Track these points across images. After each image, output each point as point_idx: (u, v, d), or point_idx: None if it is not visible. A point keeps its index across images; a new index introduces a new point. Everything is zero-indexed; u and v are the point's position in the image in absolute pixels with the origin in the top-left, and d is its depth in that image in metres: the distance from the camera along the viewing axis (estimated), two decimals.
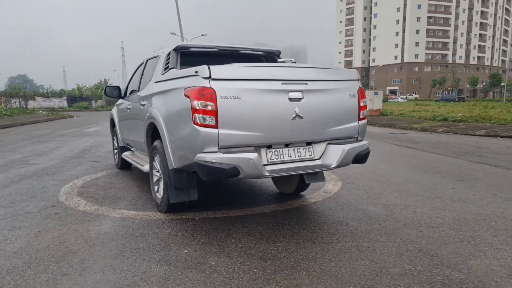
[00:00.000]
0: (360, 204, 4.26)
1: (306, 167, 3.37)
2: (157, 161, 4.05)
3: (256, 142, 3.13)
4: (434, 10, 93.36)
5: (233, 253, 2.96)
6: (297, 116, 3.24)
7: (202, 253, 2.97)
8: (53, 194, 4.83)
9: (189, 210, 4.04)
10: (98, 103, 52.97)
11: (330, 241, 3.18)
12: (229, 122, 2.99)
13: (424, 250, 2.97)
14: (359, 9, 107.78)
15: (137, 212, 4.03)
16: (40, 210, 4.15)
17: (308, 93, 3.28)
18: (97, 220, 3.79)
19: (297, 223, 3.66)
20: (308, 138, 3.39)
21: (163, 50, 4.43)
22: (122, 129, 5.94)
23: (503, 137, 11.61)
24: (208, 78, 2.96)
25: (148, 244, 3.15)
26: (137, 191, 4.99)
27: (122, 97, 5.91)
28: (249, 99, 3.05)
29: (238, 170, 2.94)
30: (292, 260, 2.82)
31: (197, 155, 3.00)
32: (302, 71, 3.33)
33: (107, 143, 10.53)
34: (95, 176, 5.96)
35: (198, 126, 2.97)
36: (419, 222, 3.64)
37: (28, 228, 3.59)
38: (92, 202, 4.44)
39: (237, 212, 4.01)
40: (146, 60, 5.11)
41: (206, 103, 2.94)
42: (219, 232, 3.42)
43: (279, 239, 3.24)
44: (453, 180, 5.55)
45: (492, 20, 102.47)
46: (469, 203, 4.32)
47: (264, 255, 2.91)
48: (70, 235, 3.40)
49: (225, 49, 4.34)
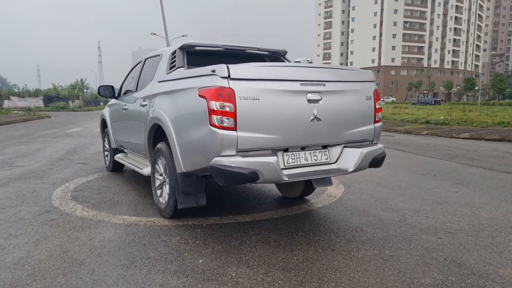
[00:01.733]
0: (369, 209, 4.17)
1: (323, 171, 3.25)
2: (160, 164, 3.85)
3: (274, 145, 2.99)
4: (410, 15, 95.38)
5: (252, 262, 2.81)
6: (316, 118, 3.11)
7: (219, 262, 2.80)
8: (46, 199, 4.55)
9: (194, 215, 3.86)
10: (76, 103, 51.71)
11: (350, 249, 3.06)
12: (247, 124, 2.84)
13: (449, 259, 2.89)
14: (337, 13, 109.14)
15: (139, 218, 3.82)
16: (34, 216, 3.88)
17: (326, 94, 3.16)
18: (98, 227, 3.56)
19: (310, 229, 3.54)
20: (326, 141, 3.27)
21: (166, 49, 4.24)
22: (116, 130, 5.68)
23: (487, 140, 11.83)
24: (226, 77, 2.80)
25: (159, 253, 2.95)
26: (134, 195, 4.76)
27: (116, 97, 5.66)
28: (268, 100, 2.91)
29: (257, 174, 2.79)
30: (316, 270, 2.69)
31: (214, 158, 2.83)
32: (320, 71, 3.21)
33: (92, 144, 10.17)
34: (87, 179, 5.68)
35: (215, 128, 2.81)
36: (435, 228, 3.57)
37: (25, 236, 3.34)
38: (89, 207, 4.19)
39: (245, 218, 3.86)
40: (145, 59, 4.89)
41: (225, 104, 2.78)
42: (232, 240, 3.25)
43: (296, 247, 3.11)
44: (453, 183, 5.55)
45: (465, 25, 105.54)
46: (477, 207, 4.29)
47: (286, 265, 2.76)
48: (72, 243, 3.17)
49: (231, 48, 4.18)
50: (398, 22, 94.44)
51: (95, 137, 12.01)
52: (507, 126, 15.66)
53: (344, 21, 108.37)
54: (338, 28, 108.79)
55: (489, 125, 15.66)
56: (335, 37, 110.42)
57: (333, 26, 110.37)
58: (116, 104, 5.66)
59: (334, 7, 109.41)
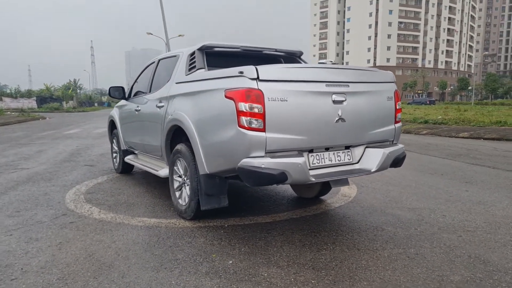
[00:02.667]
0: (386, 208, 4.20)
1: (347, 171, 3.28)
2: (179, 166, 3.86)
3: (300, 146, 3.01)
4: (404, 16, 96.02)
5: (281, 262, 2.82)
6: (340, 119, 3.14)
7: (248, 263, 2.81)
8: (59, 202, 4.53)
9: (214, 217, 3.86)
10: (70, 104, 51.37)
11: (375, 248, 3.09)
12: (276, 125, 2.86)
13: (473, 256, 2.93)
14: (332, 13, 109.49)
15: (159, 220, 3.82)
16: (52, 219, 3.87)
17: (350, 95, 3.19)
18: (119, 229, 3.56)
19: (332, 229, 3.56)
20: (349, 142, 3.30)
21: (183, 50, 4.24)
22: (126, 132, 5.67)
23: (486, 139, 11.95)
24: (255, 79, 2.81)
25: (187, 255, 2.96)
26: (149, 197, 4.75)
27: (126, 98, 5.65)
28: (295, 101, 2.93)
29: (286, 175, 2.81)
30: (346, 269, 2.71)
31: (243, 160, 2.84)
32: (344, 72, 3.24)
33: (94, 146, 10.13)
34: (97, 181, 5.66)
35: (244, 129, 2.82)
36: (453, 226, 3.61)
37: (46, 239, 3.32)
38: (105, 210, 4.18)
39: (265, 218, 3.87)
40: (158, 60, 4.89)
41: (254, 105, 2.79)
42: (257, 240, 3.27)
43: (322, 246, 3.13)
44: (461, 182, 5.60)
45: (458, 26, 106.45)
46: (490, 205, 4.34)
47: (315, 265, 2.78)
48: (96, 246, 3.16)
49: (249, 50, 4.20)
50: (393, 22, 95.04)
51: (96, 139, 11.95)
52: (504, 125, 15.83)
53: (339, 22, 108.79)
54: (334, 29, 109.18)
55: (486, 124, 15.81)
56: (331, 37, 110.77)
57: (329, 26, 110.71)
58: (126, 105, 5.64)
59: (330, 8, 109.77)
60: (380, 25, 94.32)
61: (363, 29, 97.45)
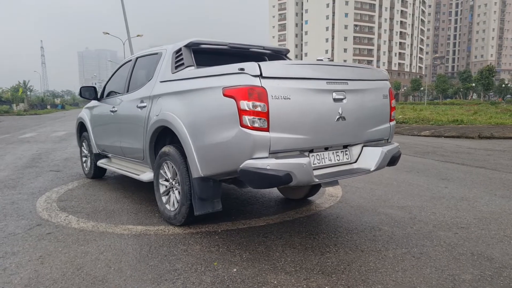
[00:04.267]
0: (376, 208, 4.18)
1: (346, 171, 3.21)
2: (167, 169, 3.64)
3: (302, 145, 2.90)
4: (360, 19, 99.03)
5: (288, 268, 2.69)
6: (341, 117, 3.06)
7: (254, 270, 2.66)
8: (30, 211, 4.15)
9: (204, 222, 3.67)
10: (20, 106, 48.50)
11: (378, 249, 3.04)
12: (279, 124, 2.73)
13: (476, 253, 2.94)
14: (290, 16, 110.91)
15: (145, 227, 3.58)
16: (26, 231, 3.52)
17: (349, 93, 3.12)
18: (104, 239, 3.29)
19: (329, 230, 3.48)
20: (349, 141, 3.23)
21: (165, 47, 4.01)
22: (99, 135, 5.32)
23: (446, 137, 12.45)
24: (258, 76, 2.67)
25: (186, 264, 2.76)
26: (129, 202, 4.47)
27: (98, 99, 5.32)
28: (298, 99, 2.81)
29: (291, 176, 2.68)
30: (356, 272, 2.63)
31: (246, 161, 2.69)
32: (343, 69, 3.17)
33: (55, 150, 9.52)
34: (68, 188, 5.28)
35: (247, 129, 2.67)
36: (447, 224, 3.64)
37: (24, 253, 3.00)
38: (84, 218, 3.87)
39: (258, 222, 3.73)
40: (136, 58, 4.61)
41: (257, 104, 2.65)
42: (256, 245, 3.12)
43: (324, 249, 3.03)
44: (439, 179, 5.74)
45: (410, 29, 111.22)
46: (473, 201, 4.44)
47: (323, 269, 2.68)
48: (83, 258, 2.89)
49: (236, 47, 4.04)
50: (349, 25, 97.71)
51: (56, 143, 11.28)
52: (460, 123, 16.63)
53: (297, 24, 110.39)
54: (292, 32, 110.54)
55: (444, 123, 16.52)
56: (290, 40, 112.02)
57: (287, 28, 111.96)
58: (98, 106, 5.30)
59: (288, 10, 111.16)
60: (336, 28, 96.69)
61: (321, 31, 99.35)
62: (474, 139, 11.87)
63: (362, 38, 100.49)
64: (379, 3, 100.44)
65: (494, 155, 8.30)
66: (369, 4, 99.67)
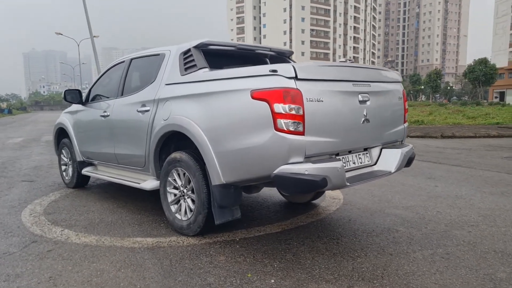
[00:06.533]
0: (383, 209, 4.20)
1: (369, 174, 3.18)
2: (176, 176, 3.44)
3: (332, 149, 2.83)
4: (316, 24, 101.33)
5: (326, 276, 2.61)
6: (366, 119, 3.03)
7: (293, 280, 2.55)
8: (18, 226, 3.78)
9: (217, 231, 3.50)
10: None
11: (405, 251, 3.02)
12: (314, 127, 2.64)
13: (498, 250, 3.00)
14: (248, 17, 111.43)
15: (156, 239, 3.36)
16: (22, 249, 3.19)
17: (372, 95, 3.10)
18: (115, 254, 3.04)
19: (348, 234, 3.43)
20: (370, 143, 3.21)
21: (168, 48, 3.80)
22: (84, 141, 4.98)
23: (412, 137, 12.92)
24: (293, 78, 2.57)
25: (218, 277, 2.60)
26: (126, 212, 4.19)
27: (83, 103, 4.98)
28: (329, 101, 2.75)
29: (326, 181, 2.60)
30: (396, 277, 2.59)
31: (282, 166, 2.58)
32: (366, 71, 3.15)
33: (20, 158, 8.85)
34: (50, 199, 4.88)
35: (283, 133, 2.56)
36: (456, 223, 3.71)
37: (30, 274, 2.70)
38: (83, 232, 3.58)
39: (273, 228, 3.62)
40: (130, 60, 4.34)
41: (293, 107, 2.54)
42: (282, 253, 3.01)
43: (353, 254, 2.98)
44: (425, 178, 5.90)
45: (362, 35, 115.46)
46: (468, 199, 4.58)
47: (362, 275, 2.62)
48: (100, 277, 2.64)
49: (243, 48, 3.91)
50: (306, 29, 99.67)
51: (16, 150, 10.49)
52: (421, 124, 17.41)
53: (256, 27, 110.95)
54: (251, 32, 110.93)
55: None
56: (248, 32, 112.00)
57: (246, 30, 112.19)
58: (84, 111, 4.96)
59: (246, 13, 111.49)
60: (294, 32, 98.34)
61: (279, 35, 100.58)
62: (437, 138, 12.44)
63: (318, 43, 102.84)
64: (334, 8, 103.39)
65: (463, 153, 8.71)
66: (324, 10, 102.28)
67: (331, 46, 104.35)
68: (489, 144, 10.23)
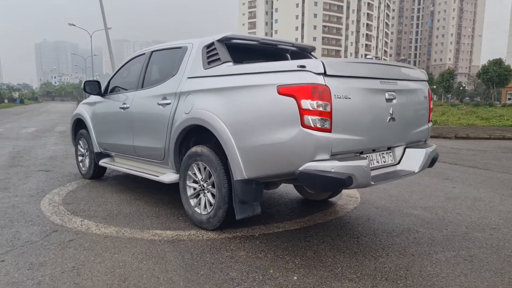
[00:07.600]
0: (401, 209, 4.17)
1: (393, 173, 3.14)
2: (197, 170, 3.44)
3: (357, 147, 2.80)
4: (328, 20, 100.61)
5: (349, 275, 2.59)
6: (392, 118, 2.99)
7: (315, 278, 2.54)
8: (38, 215, 3.82)
9: (236, 226, 3.50)
10: None
11: (427, 252, 2.99)
12: (341, 124, 2.62)
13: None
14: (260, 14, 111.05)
15: (176, 232, 3.37)
16: (43, 238, 3.22)
17: (398, 93, 3.06)
18: (136, 246, 3.06)
19: (368, 233, 3.41)
20: (395, 142, 3.17)
21: (191, 41, 3.79)
22: (103, 132, 5.00)
23: None
24: (322, 74, 2.54)
25: (240, 273, 2.60)
26: (144, 205, 4.21)
27: (102, 94, 5.00)
28: (357, 98, 2.71)
29: (352, 179, 2.58)
30: (420, 278, 2.56)
31: (308, 163, 2.56)
32: (392, 69, 3.10)
33: (35, 148, 8.95)
34: (68, 189, 4.92)
35: (310, 129, 2.53)
36: (477, 225, 3.66)
37: (54, 263, 2.72)
38: (102, 223, 3.60)
39: (292, 225, 3.61)
40: (151, 52, 4.34)
41: (321, 103, 2.52)
42: (303, 250, 2.99)
43: (374, 253, 2.95)
44: (442, 179, 5.83)
45: (375, 32, 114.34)
46: (487, 201, 4.52)
47: (385, 275, 2.59)
48: (123, 268, 2.65)
49: (266, 43, 3.89)
50: (318, 26, 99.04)
51: (31, 140, 10.61)
52: (435, 124, 17.20)
53: (267, 22, 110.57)
54: (262, 27, 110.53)
55: None
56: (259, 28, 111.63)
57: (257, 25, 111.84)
58: (103, 102, 4.98)
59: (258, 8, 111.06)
60: (306, 28, 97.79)
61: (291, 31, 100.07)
62: (451, 139, 12.28)
63: (330, 39, 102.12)
64: (347, 5, 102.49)
65: (478, 155, 8.59)
66: (337, 6, 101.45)
67: (343, 43, 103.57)
68: (505, 146, 10.09)
